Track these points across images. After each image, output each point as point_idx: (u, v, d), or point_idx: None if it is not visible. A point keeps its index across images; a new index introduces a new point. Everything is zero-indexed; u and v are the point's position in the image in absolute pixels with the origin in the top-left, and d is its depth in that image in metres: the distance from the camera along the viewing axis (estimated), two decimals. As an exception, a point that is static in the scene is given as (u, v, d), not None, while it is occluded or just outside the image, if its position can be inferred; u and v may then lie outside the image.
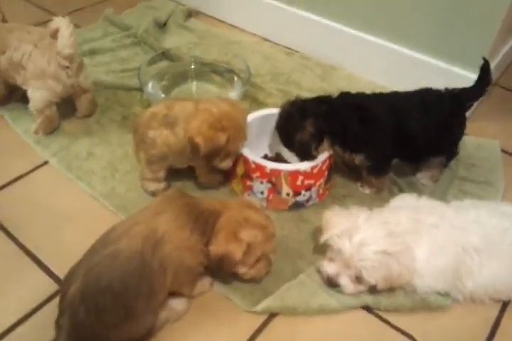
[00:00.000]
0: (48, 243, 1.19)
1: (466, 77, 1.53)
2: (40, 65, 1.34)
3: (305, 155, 1.23)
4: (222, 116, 1.14)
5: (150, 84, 1.58)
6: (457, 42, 1.52)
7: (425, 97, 1.24)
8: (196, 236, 0.97)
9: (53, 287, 1.09)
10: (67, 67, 1.36)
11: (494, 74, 1.63)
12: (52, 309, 0.99)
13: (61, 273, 1.08)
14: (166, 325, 1.02)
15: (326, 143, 1.23)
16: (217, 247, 0.96)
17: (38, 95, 1.38)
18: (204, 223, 0.98)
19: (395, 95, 1.27)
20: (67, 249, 1.16)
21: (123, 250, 0.91)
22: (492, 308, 1.09)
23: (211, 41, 1.91)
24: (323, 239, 1.06)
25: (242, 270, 1.01)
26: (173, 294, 1.02)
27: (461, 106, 1.28)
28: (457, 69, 1.56)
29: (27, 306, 1.06)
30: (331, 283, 1.06)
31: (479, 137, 1.54)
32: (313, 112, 1.21)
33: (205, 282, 1.08)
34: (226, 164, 1.21)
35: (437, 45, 1.56)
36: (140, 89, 1.64)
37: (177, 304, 1.03)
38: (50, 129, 1.48)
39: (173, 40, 1.92)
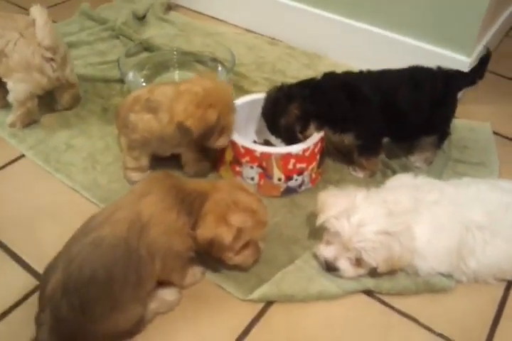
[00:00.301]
0: (27, 238, 1.11)
1: (455, 59, 1.51)
2: (26, 55, 1.26)
3: (291, 139, 1.19)
4: (207, 92, 1.08)
5: (131, 74, 1.52)
6: (445, 26, 1.49)
7: (415, 74, 1.21)
8: (183, 218, 0.90)
9: (33, 283, 1.02)
10: (52, 60, 1.29)
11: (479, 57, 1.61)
12: (32, 305, 0.91)
13: (41, 269, 0.99)
14: (156, 316, 0.95)
15: (312, 126, 1.19)
16: (205, 231, 0.90)
17: (20, 87, 1.30)
18: (190, 204, 0.91)
19: (383, 72, 1.23)
20: (47, 244, 1.09)
21: (106, 237, 0.85)
22: (497, 288, 1.04)
23: (192, 33, 1.86)
24: (319, 221, 1.01)
25: (228, 255, 0.94)
26: (164, 284, 0.95)
27: (453, 84, 1.24)
28: (446, 53, 1.53)
29: (5, 303, 0.98)
30: (330, 268, 1.01)
31: (470, 120, 1.51)
32: (299, 95, 1.17)
33: (197, 271, 1.01)
34: (222, 142, 1.15)
35: (425, 28, 1.53)
36: (120, 81, 1.58)
37: (167, 294, 0.96)
38: (28, 122, 1.40)
39: (152, 33, 1.85)
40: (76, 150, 1.34)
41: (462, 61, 1.51)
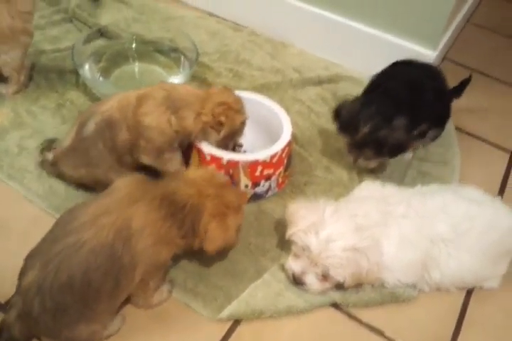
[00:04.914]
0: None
1: (420, 53, 1.49)
2: (6, 22, 1.24)
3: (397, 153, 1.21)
4: (235, 100, 1.13)
5: (86, 66, 1.42)
6: (411, 18, 1.46)
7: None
8: (174, 231, 0.89)
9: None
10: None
11: (444, 49, 1.61)
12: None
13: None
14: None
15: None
16: (213, 244, 0.92)
17: (13, 56, 1.32)
18: (182, 219, 0.89)
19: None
20: (1, 264, 1.01)
21: (88, 241, 0.82)
22: (457, 296, 1.07)
23: (151, 16, 1.76)
24: (288, 234, 1.00)
25: None
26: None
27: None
28: (411, 45, 1.51)
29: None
30: (297, 281, 1.01)
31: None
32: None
33: (164, 289, 0.99)
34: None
35: (391, 20, 1.50)
36: (75, 72, 1.49)
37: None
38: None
39: (109, 16, 1.74)
40: (30, 153, 1.25)
41: (427, 55, 1.49)
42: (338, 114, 1.21)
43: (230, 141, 1.16)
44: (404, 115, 1.14)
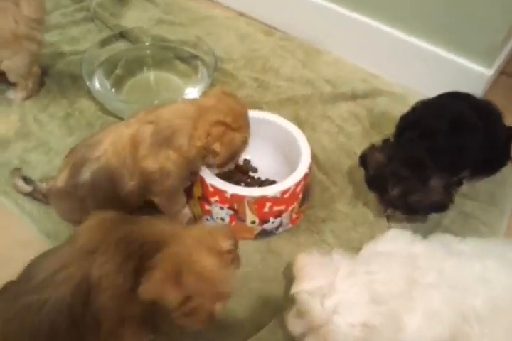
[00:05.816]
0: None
1: (473, 70, 1.30)
2: (8, 26, 1.17)
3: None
4: (234, 113, 0.96)
5: (97, 76, 1.32)
6: (464, 30, 1.27)
7: None
8: (130, 279, 0.76)
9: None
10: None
11: (501, 65, 1.40)
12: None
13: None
14: None
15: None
16: (149, 286, 0.75)
17: (17, 63, 1.24)
18: (139, 258, 0.76)
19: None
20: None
21: (46, 301, 0.73)
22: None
23: (178, 16, 1.64)
24: (292, 291, 0.86)
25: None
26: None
27: None
28: (463, 60, 1.31)
29: None
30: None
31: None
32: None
33: None
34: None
35: (439, 30, 1.31)
36: (89, 77, 1.40)
37: None
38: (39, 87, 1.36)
39: (132, 16, 1.64)
40: (30, 168, 1.17)
41: (481, 73, 1.30)
42: (364, 162, 1.05)
43: (231, 162, 1.02)
44: (442, 167, 0.97)
